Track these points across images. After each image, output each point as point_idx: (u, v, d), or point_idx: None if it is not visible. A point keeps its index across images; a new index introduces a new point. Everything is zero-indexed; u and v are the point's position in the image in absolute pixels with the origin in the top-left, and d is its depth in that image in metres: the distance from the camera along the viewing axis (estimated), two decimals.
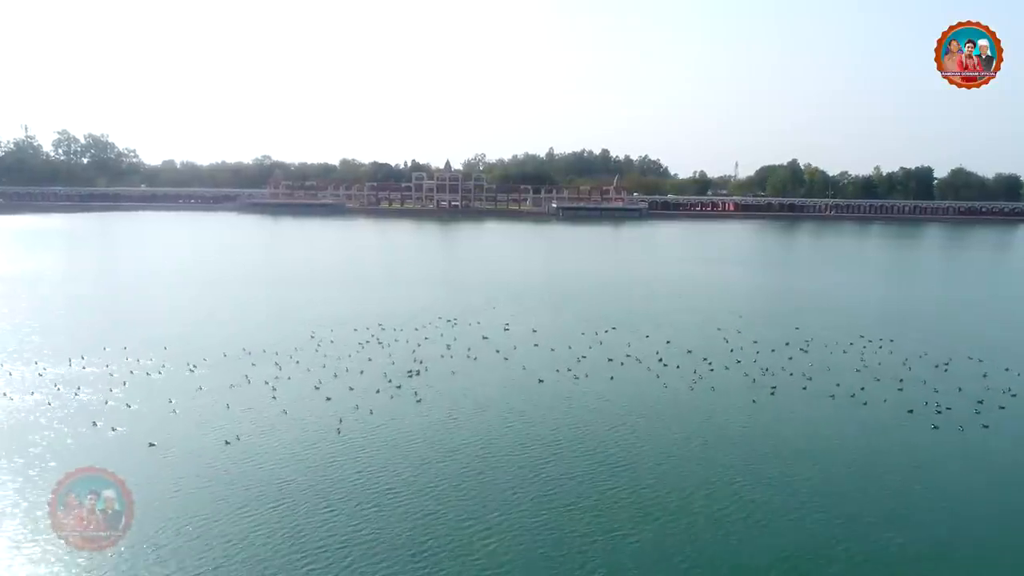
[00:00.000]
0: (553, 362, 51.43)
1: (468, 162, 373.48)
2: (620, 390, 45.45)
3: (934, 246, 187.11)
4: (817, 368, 50.95)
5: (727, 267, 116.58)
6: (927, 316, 75.11)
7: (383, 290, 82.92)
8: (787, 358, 53.55)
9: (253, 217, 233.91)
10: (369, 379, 46.40)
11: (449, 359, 52.04)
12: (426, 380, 46.55)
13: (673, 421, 40.11)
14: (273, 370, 47.89)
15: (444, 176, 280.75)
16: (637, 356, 53.32)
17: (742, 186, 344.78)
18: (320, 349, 53.60)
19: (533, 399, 43.31)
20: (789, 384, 47.24)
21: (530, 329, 61.65)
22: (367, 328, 60.37)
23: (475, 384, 45.94)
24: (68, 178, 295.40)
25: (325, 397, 42.50)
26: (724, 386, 46.62)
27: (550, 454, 34.98)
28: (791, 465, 34.26)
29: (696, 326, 65.10)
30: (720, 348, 56.64)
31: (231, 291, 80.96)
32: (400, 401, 42.47)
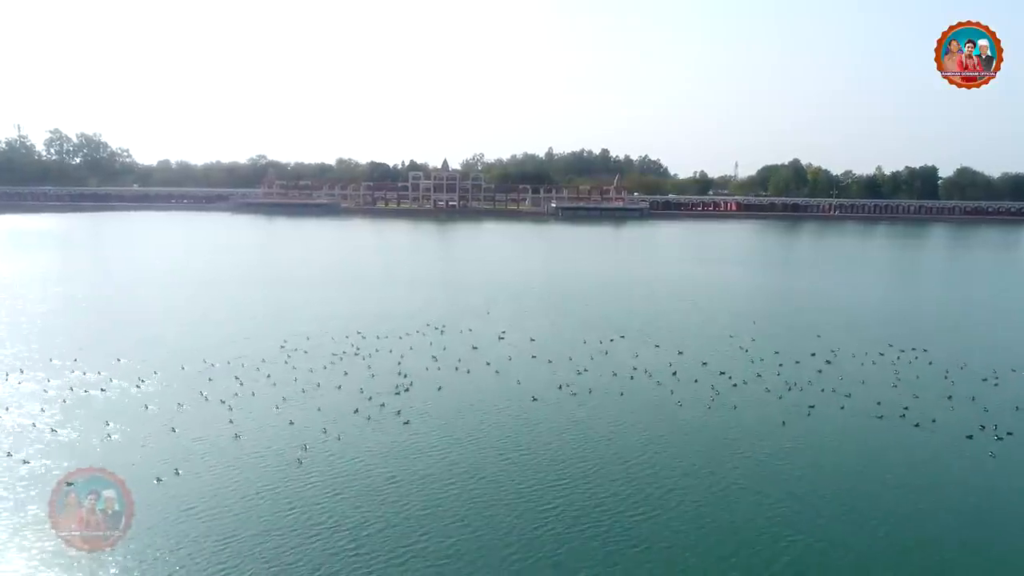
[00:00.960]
0: (552, 377, 45.91)
1: (466, 162, 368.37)
2: (629, 410, 39.91)
3: (945, 247, 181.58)
4: (850, 382, 45.46)
5: (734, 268, 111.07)
6: (954, 322, 69.50)
7: (368, 294, 77.25)
8: (815, 371, 48.06)
9: (245, 217, 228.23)
10: (343, 397, 40.89)
11: (436, 372, 46.54)
12: (408, 399, 41.01)
13: (693, 448, 34.61)
14: (233, 385, 42.35)
15: (441, 176, 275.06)
16: (647, 369, 47.80)
17: (743, 186, 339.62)
18: (290, 360, 48.09)
19: (530, 423, 37.76)
20: (823, 401, 41.74)
21: (527, 338, 56.10)
22: (346, 337, 54.83)
23: (464, 405, 40.35)
24: (59, 178, 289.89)
25: (288, 420, 36.95)
26: (748, 404, 41.12)
27: (552, 497, 29.36)
28: (846, 504, 28.83)
29: (708, 334, 59.58)
30: (738, 359, 51.15)
31: (203, 295, 75.33)
32: (376, 424, 36.93)
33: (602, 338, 56.45)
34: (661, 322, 64.12)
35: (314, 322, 60.09)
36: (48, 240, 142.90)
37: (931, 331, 62.41)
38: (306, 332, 55.80)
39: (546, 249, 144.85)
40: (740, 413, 39.68)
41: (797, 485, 30.72)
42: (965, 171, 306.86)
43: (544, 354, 51.23)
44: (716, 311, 70.97)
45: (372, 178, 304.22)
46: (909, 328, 63.74)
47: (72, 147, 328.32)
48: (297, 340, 53.20)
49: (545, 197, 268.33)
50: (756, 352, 52.97)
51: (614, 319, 64.80)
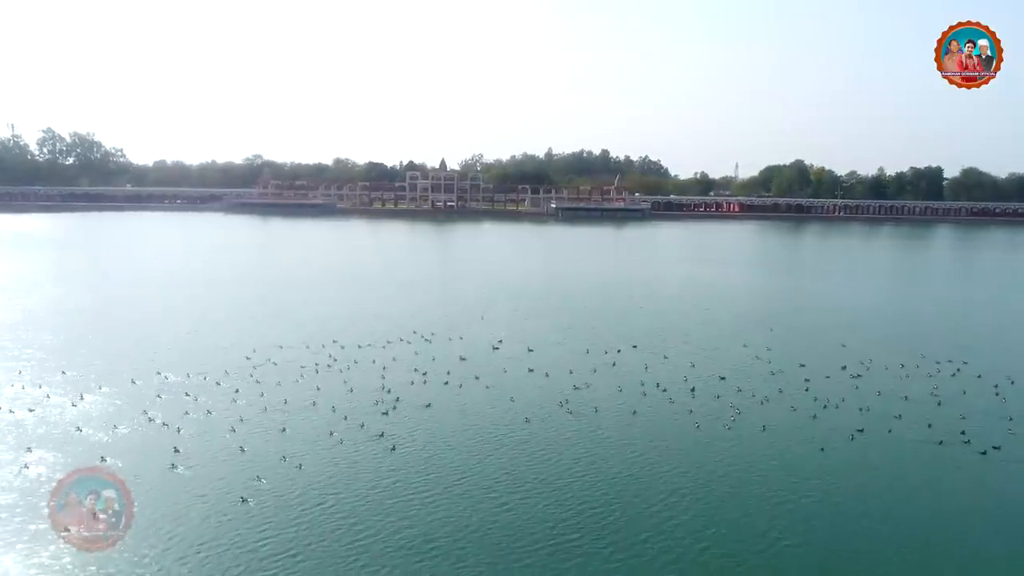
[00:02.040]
0: (551, 393, 40.69)
1: (465, 162, 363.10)
2: (640, 434, 34.76)
3: (956, 248, 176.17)
4: (890, 399, 40.32)
5: (741, 271, 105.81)
6: (988, 330, 64.12)
7: (353, 299, 71.73)
8: (849, 386, 42.83)
9: (239, 218, 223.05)
10: (312, 417, 35.71)
11: (421, 386, 41.34)
12: (388, 419, 35.77)
13: (720, 485, 29.40)
14: (185, 403, 37.15)
15: (439, 176, 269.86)
16: (657, 383, 42.59)
17: (746, 186, 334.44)
18: (257, 374, 42.86)
19: (526, 451, 32.59)
20: (865, 423, 36.59)
21: (525, 348, 50.85)
22: (323, 346, 49.65)
23: (452, 427, 35.19)
24: (51, 178, 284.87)
25: (240, 446, 31.71)
26: (777, 426, 35.96)
27: (548, 550, 24.18)
28: (919, 558, 23.67)
29: (721, 343, 54.33)
30: (757, 372, 45.94)
31: (173, 300, 69.75)
32: (349, 450, 31.74)
33: (606, 347, 51.26)
34: (669, 329, 58.90)
35: (289, 329, 54.89)
36: (24, 240, 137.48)
37: (966, 340, 57.09)
38: (279, 340, 50.61)
39: (546, 250, 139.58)
40: (771, 437, 34.54)
41: (852, 534, 25.57)
42: (971, 172, 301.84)
43: (542, 366, 46.03)
44: (726, 317, 65.77)
45: (369, 178, 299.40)
46: (940, 337, 58.53)
47: (65, 147, 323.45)
48: (268, 350, 48.01)
49: (545, 197, 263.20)
50: (776, 363, 47.76)
51: (618, 326, 59.62)
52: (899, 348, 52.88)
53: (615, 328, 58.41)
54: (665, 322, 62.08)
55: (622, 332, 56.74)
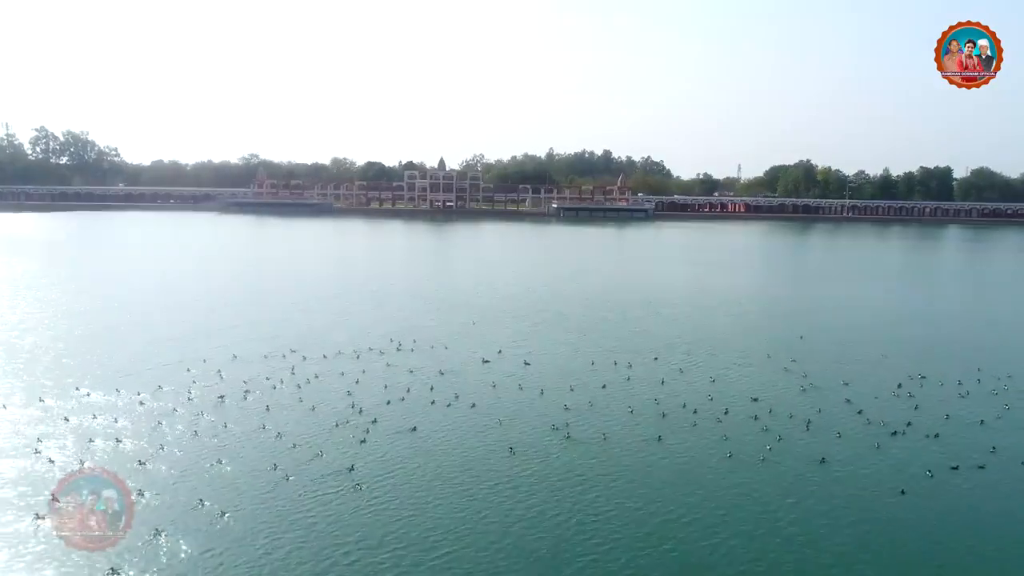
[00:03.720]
0: (548, 414, 34.48)
1: (466, 163, 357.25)
2: (657, 468, 28.56)
3: (973, 250, 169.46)
4: (963, 426, 34.07)
5: (756, 274, 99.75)
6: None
7: (335, 305, 65.14)
8: (908, 408, 36.47)
9: (232, 218, 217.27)
10: (253, 446, 29.49)
11: (387, 406, 35.10)
12: (346, 448, 29.59)
13: (768, 540, 23.18)
14: (93, 428, 30.92)
15: (438, 175, 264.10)
16: (675, 403, 36.37)
17: (750, 187, 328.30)
18: (195, 389, 36.58)
19: (508, 488, 26.42)
20: (946, 455, 30.33)
21: (520, 360, 44.55)
22: (284, 356, 43.51)
23: (408, 465, 28.82)
24: (44, 177, 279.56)
25: (141, 488, 25.38)
26: (832, 456, 29.76)
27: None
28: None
29: (745, 354, 48.07)
30: (790, 389, 39.77)
31: (141, 308, 63.71)
32: (289, 491, 25.56)
33: (615, 359, 45.01)
34: (682, 338, 52.65)
35: (247, 338, 48.69)
36: (11, 242, 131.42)
37: (1019, 352, 50.84)
38: (233, 350, 44.43)
39: (547, 252, 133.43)
40: (826, 473, 28.37)
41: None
42: (982, 171, 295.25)
43: (539, 382, 39.77)
44: (745, 324, 59.66)
45: (367, 177, 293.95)
46: (990, 347, 52.15)
47: (59, 146, 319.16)
48: (218, 360, 41.89)
49: (546, 198, 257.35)
50: (811, 378, 41.53)
51: (626, 335, 53.47)
52: (948, 359, 46.71)
53: (623, 337, 52.29)
54: (678, 330, 55.85)
55: (631, 342, 50.61)
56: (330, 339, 48.25)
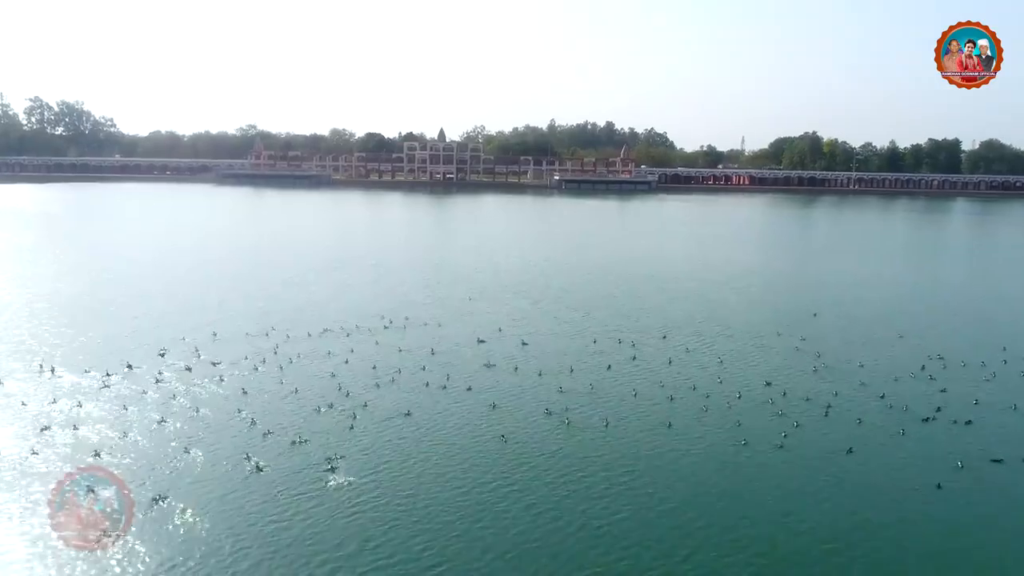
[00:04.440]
0: (546, 398, 32.28)
1: (467, 134, 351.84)
2: (665, 457, 26.38)
3: (982, 224, 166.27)
4: (997, 411, 31.81)
5: (762, 248, 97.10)
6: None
7: (326, 280, 62.79)
8: (934, 392, 34.15)
9: (229, 189, 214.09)
10: (224, 433, 27.25)
11: (388, 387, 32.91)
12: (322, 437, 27.36)
13: (801, 542, 21.01)
14: (57, 410, 28.90)
15: (438, 146, 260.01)
16: (684, 385, 34.13)
17: (755, 159, 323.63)
18: (172, 367, 34.55)
19: (500, 481, 24.25)
20: (980, 444, 28.15)
21: (518, 339, 42.24)
22: (266, 334, 41.29)
23: (389, 456, 26.68)
24: (39, 147, 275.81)
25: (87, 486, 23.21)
26: (856, 445, 27.47)
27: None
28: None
29: (754, 333, 45.67)
30: (803, 370, 37.51)
31: (120, 279, 61.48)
32: (259, 487, 23.39)
33: (619, 338, 42.79)
34: (688, 315, 50.37)
35: (232, 315, 46.46)
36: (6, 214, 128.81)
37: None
38: (215, 328, 42.23)
39: (549, 225, 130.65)
40: (851, 463, 26.18)
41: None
42: (992, 143, 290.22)
43: (537, 362, 37.53)
44: (752, 301, 57.41)
45: (367, 149, 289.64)
46: (1011, 325, 49.81)
47: (53, 116, 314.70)
48: (199, 339, 39.74)
49: (548, 170, 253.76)
50: (825, 358, 39.26)
51: (629, 311, 51.14)
52: (968, 339, 44.41)
53: (627, 315, 49.97)
54: (683, 307, 53.53)
55: (635, 320, 48.33)
56: (319, 316, 45.97)
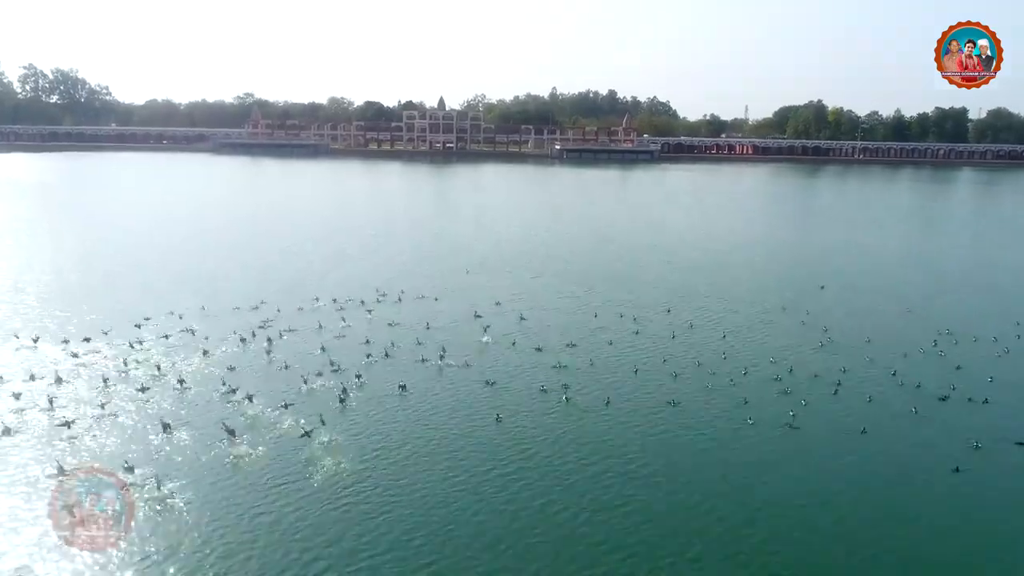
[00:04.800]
0: (544, 374, 31.13)
1: (467, 103, 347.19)
2: (667, 437, 25.29)
3: (988, 193, 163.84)
4: (1012, 388, 30.73)
5: (765, 219, 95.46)
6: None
7: (319, 251, 61.46)
8: (946, 369, 32.88)
9: (226, 159, 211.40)
10: (207, 411, 26.15)
11: (381, 363, 31.82)
12: (311, 418, 26.24)
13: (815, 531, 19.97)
14: (35, 387, 27.90)
15: (438, 115, 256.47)
16: (686, 360, 32.95)
17: (758, 128, 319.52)
18: (157, 340, 33.52)
19: (491, 463, 23.18)
20: (998, 423, 26.88)
21: (517, 314, 40.97)
22: (255, 307, 40.26)
23: (378, 434, 25.64)
24: (34, 116, 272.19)
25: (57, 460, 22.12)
26: (869, 424, 26.22)
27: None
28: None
29: (758, 307, 44.47)
30: (809, 346, 36.30)
31: (113, 251, 60.24)
32: (241, 471, 22.33)
33: (621, 312, 41.57)
34: (691, 288, 49.13)
35: (224, 287, 45.31)
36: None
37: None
38: (205, 300, 41.14)
39: (550, 196, 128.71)
40: (869, 446, 25.01)
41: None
42: (1000, 112, 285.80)
43: (536, 337, 36.32)
44: (755, 273, 56.09)
45: (365, 117, 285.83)
46: (1018, 300, 48.49)
47: (48, 84, 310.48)
48: (187, 311, 38.68)
49: (549, 139, 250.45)
50: (831, 333, 38.03)
51: (630, 284, 49.89)
52: (980, 312, 43.19)
53: (630, 288, 48.69)
54: (685, 279, 52.28)
55: (637, 293, 47.06)
56: (313, 288, 44.62)
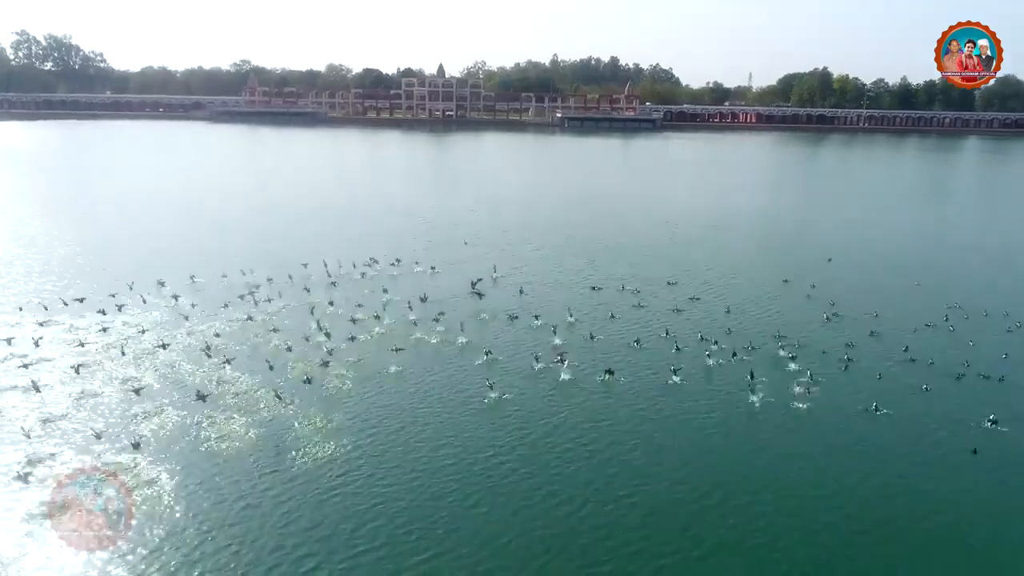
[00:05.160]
0: (540, 351, 30.09)
1: (467, 70, 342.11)
2: (666, 420, 24.35)
3: (994, 162, 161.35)
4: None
5: (770, 190, 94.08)
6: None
7: (314, 220, 60.23)
8: (959, 346, 31.63)
9: (222, 127, 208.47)
10: (183, 390, 25.16)
11: (372, 338, 30.82)
12: (294, 398, 25.33)
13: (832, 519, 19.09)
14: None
15: (437, 83, 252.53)
16: (689, 335, 31.88)
17: (762, 96, 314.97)
18: (136, 314, 31.96)
19: (502, 450, 22.31)
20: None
21: (515, 287, 39.77)
22: (245, 274, 39.06)
23: (390, 431, 24.56)
24: (27, 83, 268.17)
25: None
26: (883, 404, 25.23)
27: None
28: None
29: (763, 280, 43.46)
30: (813, 321, 35.21)
31: (106, 222, 58.96)
32: (212, 458, 21.44)
33: (623, 284, 40.48)
34: (694, 261, 47.99)
35: (214, 258, 44.12)
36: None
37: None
38: (194, 271, 40.02)
39: (550, 165, 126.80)
40: (885, 426, 24.10)
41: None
42: (1008, 79, 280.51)
43: (535, 311, 35.17)
44: (758, 245, 54.86)
45: (364, 85, 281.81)
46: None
47: (41, 51, 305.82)
48: (175, 282, 37.78)
49: (550, 107, 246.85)
50: (837, 309, 36.81)
51: (631, 256, 48.69)
52: (989, 286, 42.11)
53: (631, 260, 47.49)
54: (687, 252, 51.14)
55: (639, 266, 45.88)
56: (304, 259, 43.24)
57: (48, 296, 35.29)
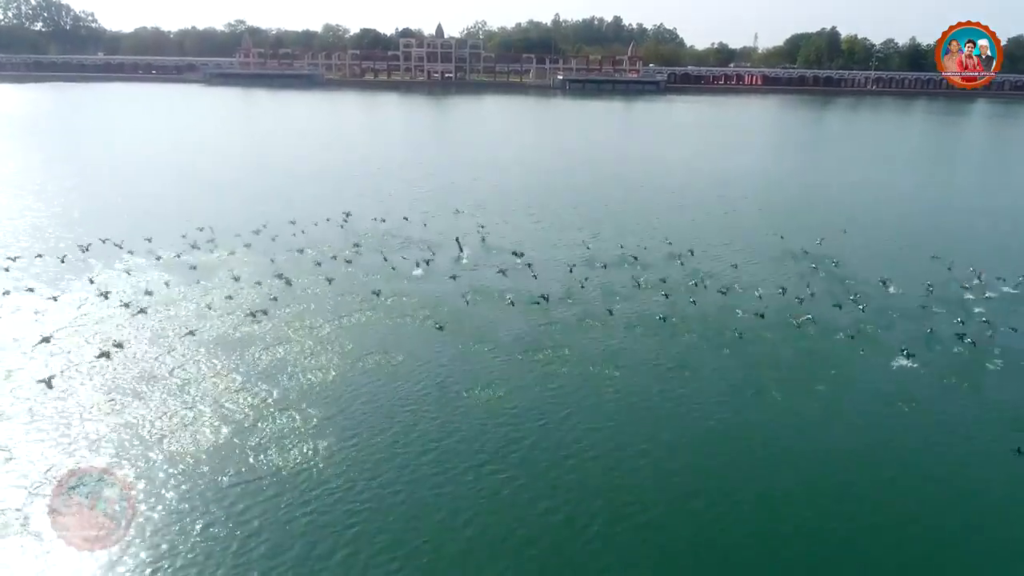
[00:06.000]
0: (536, 328, 28.49)
1: (467, 30, 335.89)
2: (670, 409, 22.83)
3: (1003, 126, 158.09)
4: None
5: (777, 155, 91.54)
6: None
7: (300, 188, 58.32)
8: (990, 320, 29.89)
9: (218, 90, 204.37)
10: (145, 381, 23.63)
11: (350, 319, 29.14)
12: (257, 392, 23.77)
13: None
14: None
15: (436, 43, 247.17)
16: (694, 313, 30.23)
17: (769, 57, 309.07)
18: (103, 290, 30.34)
19: (486, 443, 20.82)
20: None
21: (512, 261, 37.65)
22: (233, 251, 37.08)
23: (371, 429, 23.06)
24: (17, 44, 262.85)
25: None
26: (916, 389, 23.79)
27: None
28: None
29: (772, 250, 41.52)
30: (824, 294, 33.45)
31: (92, 188, 57.04)
32: (172, 457, 19.96)
33: (624, 255, 38.75)
34: (696, 230, 46.16)
35: (185, 229, 41.78)
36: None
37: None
38: (183, 235, 38.63)
39: (551, 129, 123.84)
40: (913, 418, 22.53)
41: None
42: (1020, 40, 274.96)
43: (531, 287, 33.41)
44: (765, 213, 52.82)
45: (361, 46, 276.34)
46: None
47: (31, 10, 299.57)
48: (163, 246, 35.70)
49: (551, 68, 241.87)
50: (852, 283, 35.08)
51: (633, 226, 46.72)
52: (1013, 258, 40.19)
53: (633, 230, 45.54)
54: (693, 222, 49.22)
55: (642, 235, 43.91)
56: (280, 232, 41.22)
57: (41, 269, 33.62)
